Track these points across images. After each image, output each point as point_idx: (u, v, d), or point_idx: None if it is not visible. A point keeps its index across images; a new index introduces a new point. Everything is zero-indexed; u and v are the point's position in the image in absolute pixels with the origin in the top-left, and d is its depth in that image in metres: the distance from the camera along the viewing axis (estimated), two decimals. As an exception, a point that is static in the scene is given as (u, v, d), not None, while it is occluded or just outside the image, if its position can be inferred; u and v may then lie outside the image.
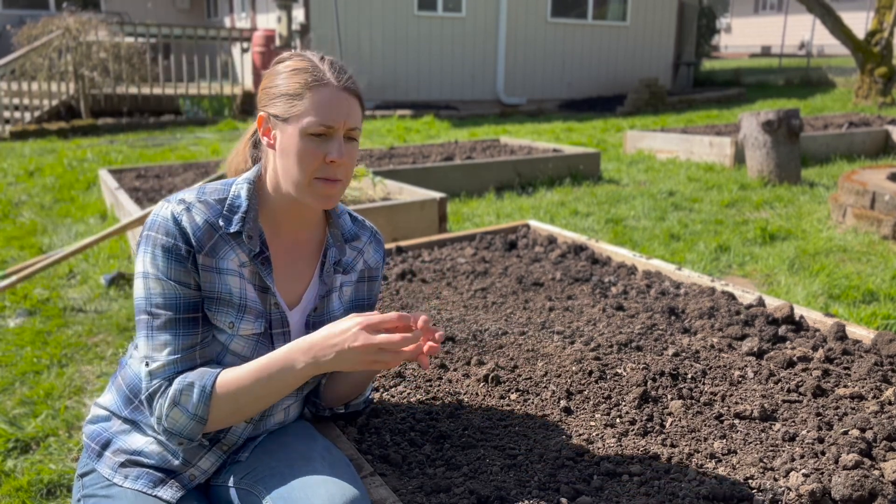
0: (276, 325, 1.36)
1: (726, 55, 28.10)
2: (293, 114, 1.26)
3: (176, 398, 1.24)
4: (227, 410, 1.26)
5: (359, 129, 1.31)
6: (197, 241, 1.27)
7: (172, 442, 1.29)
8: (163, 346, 1.25)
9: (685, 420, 1.72)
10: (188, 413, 1.24)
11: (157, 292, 1.26)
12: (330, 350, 1.22)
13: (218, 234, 1.30)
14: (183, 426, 1.25)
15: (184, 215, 1.28)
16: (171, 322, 1.26)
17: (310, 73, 1.27)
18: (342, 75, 1.29)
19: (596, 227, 4.78)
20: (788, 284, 3.60)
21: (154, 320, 1.26)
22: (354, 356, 1.21)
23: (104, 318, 3.24)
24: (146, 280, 1.26)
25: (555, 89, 14.36)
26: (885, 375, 1.92)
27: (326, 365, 1.23)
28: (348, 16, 11.98)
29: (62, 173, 6.69)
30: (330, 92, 1.26)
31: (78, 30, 10.28)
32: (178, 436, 1.27)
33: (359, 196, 4.51)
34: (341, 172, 1.30)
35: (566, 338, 2.20)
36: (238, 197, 1.34)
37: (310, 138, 1.26)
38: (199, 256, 1.27)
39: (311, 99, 1.26)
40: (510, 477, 1.49)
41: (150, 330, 1.26)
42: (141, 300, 1.27)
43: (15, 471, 2.10)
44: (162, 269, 1.25)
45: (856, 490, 1.37)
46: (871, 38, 11.96)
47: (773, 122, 5.89)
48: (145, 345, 1.27)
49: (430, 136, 9.43)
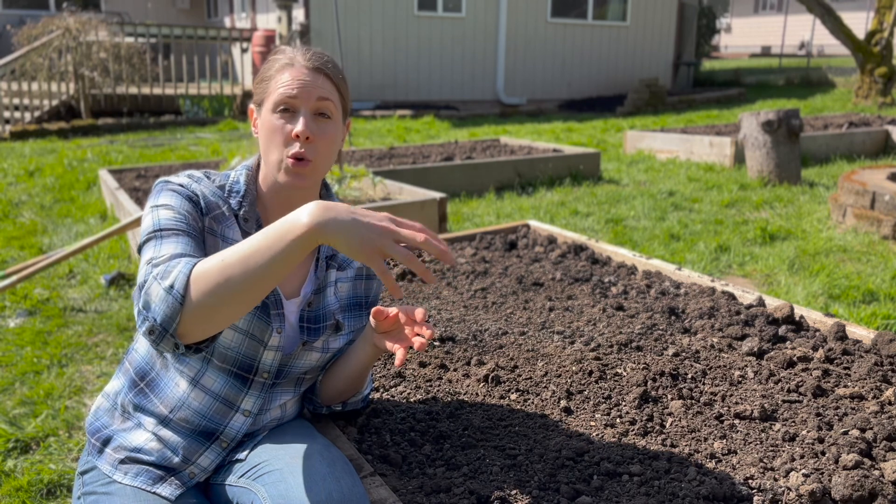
0: (272, 307, 1.36)
1: (726, 55, 28.10)
2: (265, 96, 1.33)
3: (160, 272, 1.11)
4: (209, 284, 1.08)
5: (332, 103, 1.32)
6: (206, 204, 1.31)
7: (142, 329, 1.11)
8: (170, 250, 1.18)
9: (685, 420, 1.72)
10: (164, 285, 1.09)
11: (166, 217, 1.23)
12: (347, 214, 1.09)
13: (220, 210, 1.34)
14: (156, 303, 1.09)
15: (193, 184, 1.33)
16: (180, 235, 1.21)
17: (280, 59, 1.34)
18: (314, 57, 1.33)
19: (596, 227, 4.78)
20: (788, 284, 3.60)
21: (162, 234, 1.21)
22: (368, 232, 1.08)
23: (104, 318, 3.25)
24: (155, 210, 1.25)
25: (555, 89, 14.36)
26: (885, 375, 1.92)
27: (332, 230, 1.08)
28: (348, 16, 11.98)
29: (62, 173, 6.69)
30: (295, 70, 1.31)
31: (78, 30, 10.28)
32: (151, 317, 1.10)
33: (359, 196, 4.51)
34: (311, 151, 1.30)
35: (566, 338, 2.20)
36: (237, 182, 1.38)
37: (278, 115, 1.30)
38: (205, 218, 1.31)
39: (278, 78, 1.31)
40: (510, 477, 1.49)
41: (158, 241, 1.20)
42: (152, 225, 1.22)
43: (15, 471, 2.10)
44: (174, 203, 1.27)
45: (856, 490, 1.37)
46: (871, 38, 11.96)
47: (773, 122, 5.89)
48: (151, 253, 1.18)
49: (430, 137, 9.43)
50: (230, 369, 1.35)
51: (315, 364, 1.46)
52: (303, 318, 1.41)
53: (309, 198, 1.40)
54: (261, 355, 1.36)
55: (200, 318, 1.09)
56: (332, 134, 1.32)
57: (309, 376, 1.49)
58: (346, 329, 1.48)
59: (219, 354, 1.33)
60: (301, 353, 1.42)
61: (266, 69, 1.35)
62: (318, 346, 1.43)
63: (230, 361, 1.34)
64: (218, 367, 1.34)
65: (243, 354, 1.35)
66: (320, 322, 1.43)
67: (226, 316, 1.11)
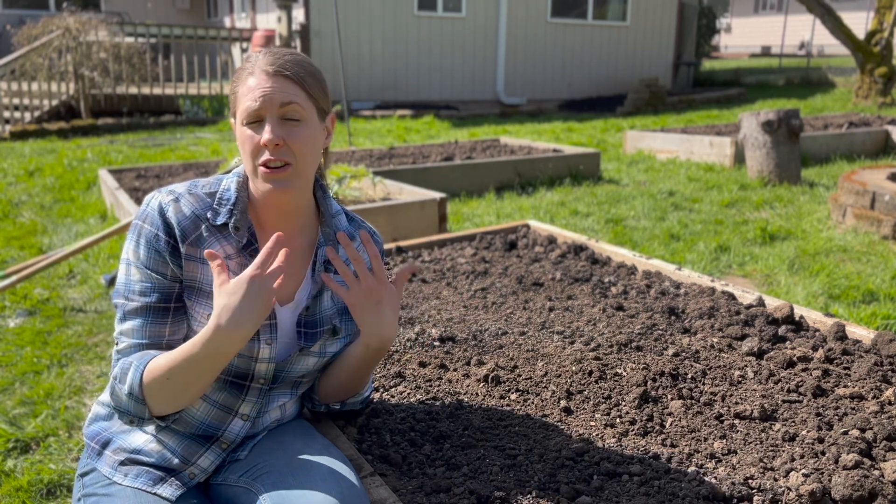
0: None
1: (726, 55, 28.10)
2: (236, 108, 1.33)
3: (118, 376, 1.27)
4: (163, 388, 1.23)
5: (297, 105, 1.29)
6: (182, 230, 1.30)
7: (123, 420, 1.29)
8: (131, 330, 1.30)
9: (685, 420, 1.72)
10: (125, 391, 1.25)
11: (135, 279, 1.30)
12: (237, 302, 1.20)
13: (204, 225, 1.33)
14: (125, 404, 1.26)
15: (171, 206, 1.31)
16: (144, 308, 1.29)
17: (246, 68, 1.32)
18: (272, 60, 1.30)
19: (596, 227, 4.78)
20: (788, 284, 3.60)
21: (129, 304, 1.30)
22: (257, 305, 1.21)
23: (104, 318, 3.24)
24: (128, 267, 1.32)
25: (555, 89, 14.36)
26: (885, 375, 1.92)
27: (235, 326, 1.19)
28: (348, 16, 11.98)
29: (62, 173, 6.69)
30: (255, 79, 1.29)
31: (78, 30, 10.28)
32: (126, 413, 1.27)
33: (359, 196, 4.51)
34: (286, 154, 1.29)
35: (566, 338, 2.20)
36: (228, 190, 1.37)
37: (248, 126, 1.30)
38: (182, 247, 1.30)
39: (242, 89, 1.31)
40: (510, 477, 1.49)
41: (124, 313, 1.31)
42: (121, 285, 1.32)
43: (15, 471, 2.10)
44: (143, 259, 1.30)
45: (856, 490, 1.37)
46: (871, 39, 11.96)
47: (773, 122, 5.89)
48: (118, 325, 1.33)
49: (430, 137, 9.43)
50: (225, 378, 1.36)
51: (312, 368, 1.46)
52: (300, 323, 1.41)
53: (302, 200, 1.39)
54: (254, 367, 1.36)
55: (166, 406, 1.25)
56: (304, 135, 1.30)
57: (306, 379, 1.49)
58: (343, 333, 1.47)
59: None
60: (297, 358, 1.41)
61: (234, 80, 1.35)
62: (315, 351, 1.43)
63: (224, 371, 1.35)
64: None
65: (236, 366, 1.35)
66: (317, 327, 1.43)
67: (190, 397, 1.26)
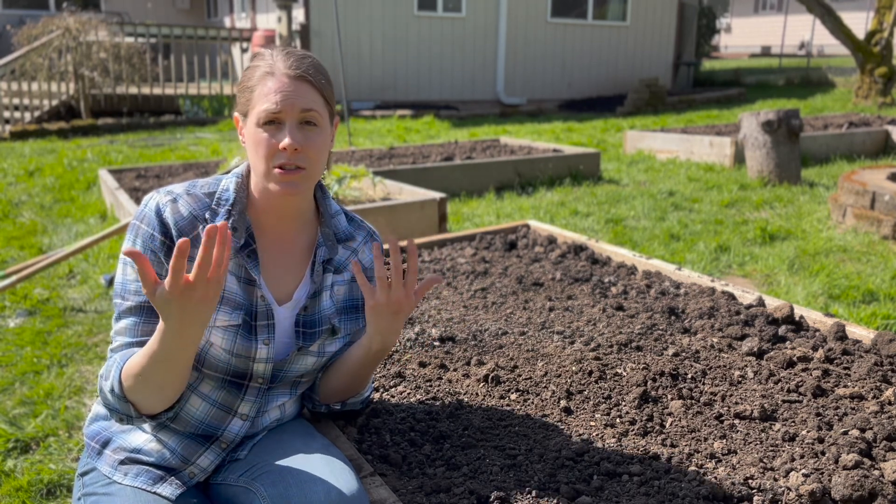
0: (261, 318, 1.36)
1: (726, 55, 28.10)
2: (249, 107, 1.32)
3: (104, 374, 1.28)
4: (138, 384, 1.21)
5: (317, 112, 1.30)
6: (179, 231, 1.31)
7: (114, 418, 1.29)
8: (125, 328, 1.30)
9: (685, 420, 1.72)
10: (108, 388, 1.25)
11: (131, 279, 1.31)
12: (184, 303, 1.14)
13: (201, 226, 1.33)
14: (110, 402, 1.26)
15: (168, 207, 1.32)
16: (138, 308, 1.30)
17: (261, 67, 1.31)
18: (294, 64, 1.30)
19: (596, 227, 4.78)
20: (788, 284, 3.60)
21: (124, 303, 1.31)
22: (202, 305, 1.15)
23: (104, 318, 3.24)
24: (125, 266, 1.32)
25: (555, 89, 14.36)
26: (885, 375, 1.92)
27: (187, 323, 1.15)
28: (348, 16, 11.98)
29: (62, 173, 6.69)
30: (277, 80, 1.28)
31: (78, 30, 10.28)
32: (114, 411, 1.27)
33: (359, 196, 4.51)
34: (302, 160, 1.29)
35: (566, 338, 2.20)
36: (227, 190, 1.37)
37: (263, 128, 1.29)
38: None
39: (260, 90, 1.29)
40: (510, 477, 1.49)
41: (120, 311, 1.32)
42: (118, 284, 1.33)
43: (15, 471, 2.10)
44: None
45: (856, 490, 1.37)
46: (871, 39, 11.96)
47: (773, 122, 5.89)
48: (114, 324, 1.33)
49: (430, 137, 9.43)
50: (224, 377, 1.36)
51: (311, 368, 1.46)
52: (298, 323, 1.41)
53: (304, 202, 1.40)
54: (252, 367, 1.36)
55: (148, 402, 1.23)
56: (319, 141, 1.31)
57: (305, 379, 1.49)
58: (342, 332, 1.47)
59: (210, 366, 1.34)
60: (296, 358, 1.41)
61: (247, 77, 1.33)
62: (314, 351, 1.43)
63: (222, 371, 1.35)
64: (212, 375, 1.35)
65: (234, 366, 1.35)
66: (316, 326, 1.43)
67: (167, 394, 1.23)
